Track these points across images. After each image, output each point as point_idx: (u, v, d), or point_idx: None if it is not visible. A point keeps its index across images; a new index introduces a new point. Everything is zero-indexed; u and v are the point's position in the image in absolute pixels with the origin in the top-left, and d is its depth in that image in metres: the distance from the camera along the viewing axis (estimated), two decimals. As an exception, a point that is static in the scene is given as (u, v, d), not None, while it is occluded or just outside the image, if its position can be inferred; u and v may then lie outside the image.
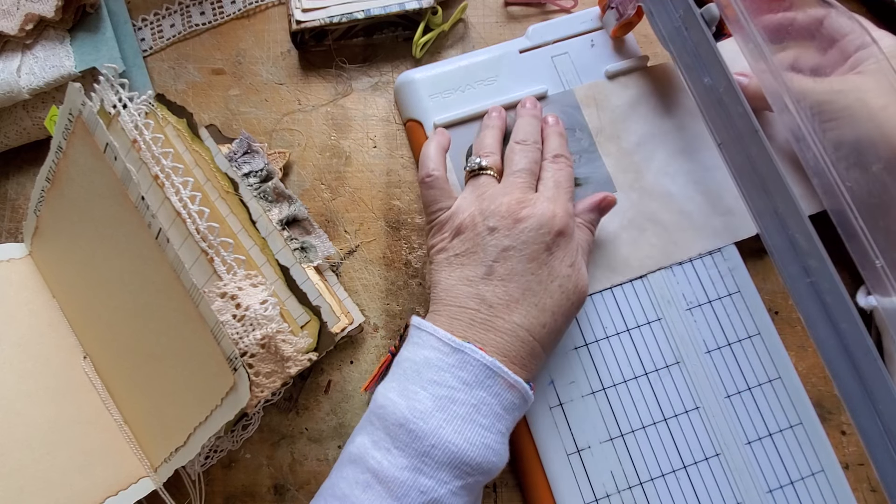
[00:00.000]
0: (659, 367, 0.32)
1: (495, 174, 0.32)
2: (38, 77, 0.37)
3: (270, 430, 0.35)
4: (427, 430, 0.25)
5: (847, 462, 0.33)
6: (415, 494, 0.24)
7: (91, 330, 0.35)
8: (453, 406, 0.25)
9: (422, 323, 0.28)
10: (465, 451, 0.25)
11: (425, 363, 0.27)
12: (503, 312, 0.28)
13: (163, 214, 0.31)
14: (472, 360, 0.26)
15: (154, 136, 0.32)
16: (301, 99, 0.41)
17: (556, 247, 0.29)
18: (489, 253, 0.29)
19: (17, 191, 0.40)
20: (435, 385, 0.26)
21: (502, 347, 0.27)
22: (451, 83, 0.37)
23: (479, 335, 0.27)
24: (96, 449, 0.32)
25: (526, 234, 0.28)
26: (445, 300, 0.29)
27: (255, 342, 0.29)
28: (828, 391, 0.34)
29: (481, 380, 0.26)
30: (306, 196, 0.38)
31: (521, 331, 0.27)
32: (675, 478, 0.31)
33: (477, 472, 0.25)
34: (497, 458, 0.26)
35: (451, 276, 0.29)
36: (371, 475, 0.25)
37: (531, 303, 0.28)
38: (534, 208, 0.29)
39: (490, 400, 0.26)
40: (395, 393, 0.26)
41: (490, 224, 0.29)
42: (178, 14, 0.42)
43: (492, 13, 0.42)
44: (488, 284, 0.28)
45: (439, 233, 0.31)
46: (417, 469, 0.24)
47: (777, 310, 0.36)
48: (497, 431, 0.26)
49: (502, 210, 0.29)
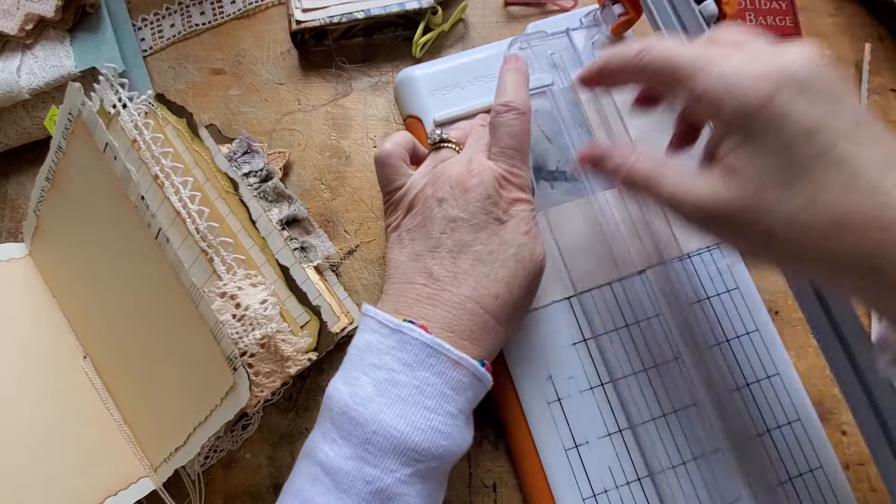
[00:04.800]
0: (658, 363, 0.32)
1: (457, 148, 0.31)
2: (38, 77, 0.37)
3: (270, 430, 0.35)
4: (367, 415, 0.24)
5: (847, 462, 0.33)
6: (360, 485, 0.23)
7: (91, 330, 0.35)
8: (394, 389, 0.24)
9: (367, 308, 0.27)
10: (408, 435, 0.23)
11: (367, 347, 0.26)
12: (450, 285, 0.26)
13: (162, 214, 0.31)
14: (412, 340, 0.25)
15: (154, 135, 0.32)
16: (301, 99, 0.41)
17: (507, 217, 0.27)
18: (437, 225, 0.27)
19: (17, 191, 0.40)
20: (375, 369, 0.25)
21: (449, 322, 0.26)
22: (450, 80, 0.37)
23: (425, 311, 0.26)
24: (96, 449, 0.32)
25: (473, 205, 0.27)
26: (395, 278, 0.28)
27: (255, 342, 0.29)
28: (828, 391, 0.34)
29: (422, 359, 0.25)
30: (306, 196, 0.38)
31: (470, 303, 0.26)
32: (674, 473, 0.31)
33: (426, 458, 0.24)
34: (449, 442, 0.24)
35: (402, 252, 0.28)
36: (319, 468, 0.24)
37: (481, 273, 0.27)
38: (481, 176, 0.27)
39: (434, 380, 0.25)
40: (340, 381, 0.26)
41: (439, 195, 0.28)
42: (178, 14, 0.42)
43: (492, 13, 0.42)
44: (435, 257, 0.27)
45: (394, 211, 0.30)
46: (361, 458, 0.23)
47: (777, 310, 0.36)
48: (445, 413, 0.25)
49: (451, 180, 0.28)
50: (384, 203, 0.31)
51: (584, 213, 0.35)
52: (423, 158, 0.33)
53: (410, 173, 0.31)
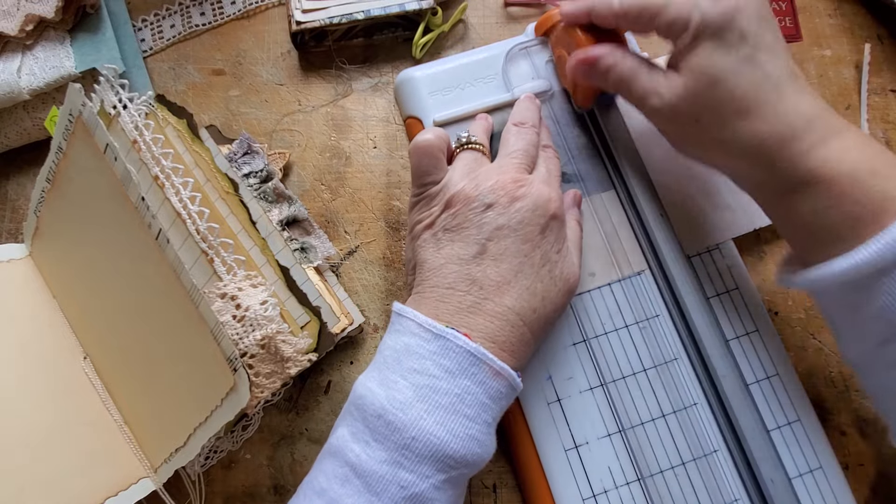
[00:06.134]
0: (657, 364, 0.32)
1: (484, 152, 0.31)
2: (38, 78, 0.37)
3: (270, 431, 0.35)
4: (407, 421, 0.24)
5: (847, 462, 0.33)
6: (394, 489, 0.23)
7: (91, 330, 0.35)
8: (435, 396, 0.24)
9: (402, 309, 0.27)
10: (447, 443, 0.23)
11: (405, 350, 0.25)
12: (494, 295, 0.26)
13: (163, 215, 0.31)
14: (455, 347, 0.25)
15: (154, 136, 0.32)
16: (301, 99, 0.41)
17: (549, 230, 0.28)
18: (483, 231, 0.27)
19: (18, 191, 0.40)
20: (415, 374, 0.25)
21: (491, 333, 0.26)
22: (450, 80, 0.37)
23: (467, 319, 0.26)
24: (96, 449, 0.32)
25: (522, 214, 0.27)
26: (432, 281, 0.27)
27: (255, 343, 0.29)
28: (828, 391, 0.34)
29: (465, 367, 0.25)
30: (306, 196, 0.38)
31: (512, 314, 0.26)
32: (672, 474, 0.31)
33: (461, 465, 0.24)
34: (482, 450, 0.25)
35: (440, 254, 0.28)
36: (349, 469, 0.24)
37: (523, 286, 0.27)
38: (530, 188, 0.28)
39: (475, 389, 0.25)
40: (374, 382, 0.25)
41: (486, 200, 0.28)
42: (178, 14, 0.42)
43: (492, 13, 0.42)
44: (480, 264, 0.27)
45: (427, 206, 0.30)
46: (397, 463, 0.23)
47: (777, 310, 0.36)
48: (483, 422, 0.25)
49: (498, 187, 0.28)
50: (415, 196, 0.31)
51: (583, 213, 0.35)
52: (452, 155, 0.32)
53: (448, 168, 0.31)
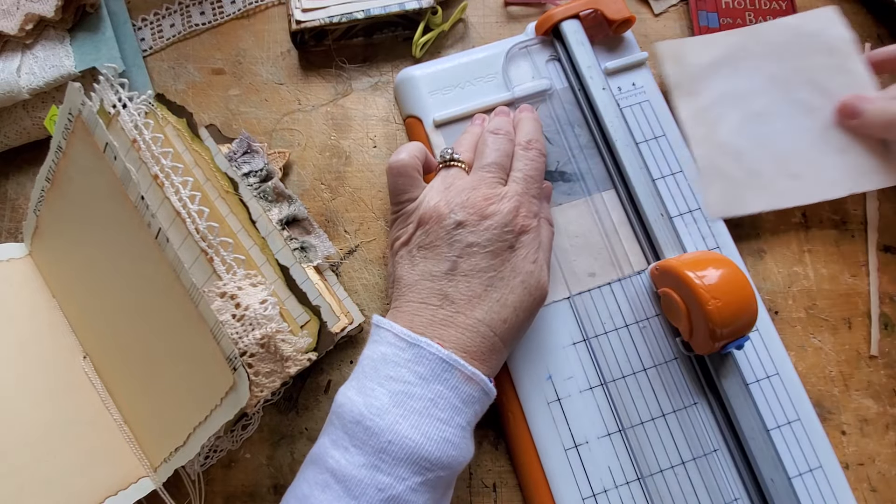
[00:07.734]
0: (657, 363, 0.32)
1: (466, 168, 0.32)
2: (37, 77, 0.37)
3: (270, 430, 0.35)
4: (383, 426, 0.25)
5: (847, 462, 0.33)
6: (372, 492, 0.24)
7: (91, 330, 0.35)
8: (410, 401, 0.25)
9: (380, 320, 0.28)
10: (422, 445, 0.24)
11: (382, 359, 0.27)
12: (465, 308, 0.28)
13: (162, 214, 0.31)
14: (428, 354, 0.26)
15: (154, 135, 0.32)
16: (301, 99, 0.41)
17: (519, 244, 0.29)
18: (454, 248, 0.28)
19: (17, 191, 0.40)
20: (391, 381, 0.26)
21: (462, 343, 0.27)
22: (450, 80, 0.37)
23: (440, 331, 0.27)
24: (96, 449, 0.32)
25: (490, 232, 0.28)
26: (408, 296, 0.29)
27: (255, 342, 0.29)
28: (827, 391, 0.34)
29: (438, 373, 0.26)
30: (306, 196, 0.38)
31: (483, 326, 0.27)
32: (672, 473, 0.31)
33: (437, 468, 0.25)
34: (457, 452, 0.26)
35: (414, 270, 0.29)
36: (329, 475, 0.24)
37: (493, 299, 0.28)
38: (500, 205, 0.29)
39: (447, 393, 0.26)
40: (353, 391, 0.26)
41: (457, 218, 0.29)
42: (177, 14, 0.42)
43: (492, 13, 0.42)
44: (451, 280, 0.28)
45: (403, 224, 0.31)
46: (375, 466, 0.24)
47: (777, 310, 0.36)
48: (456, 425, 0.26)
49: (469, 204, 0.29)
50: (393, 213, 0.32)
51: (583, 213, 0.35)
52: (434, 167, 0.33)
53: (424, 185, 0.32)
